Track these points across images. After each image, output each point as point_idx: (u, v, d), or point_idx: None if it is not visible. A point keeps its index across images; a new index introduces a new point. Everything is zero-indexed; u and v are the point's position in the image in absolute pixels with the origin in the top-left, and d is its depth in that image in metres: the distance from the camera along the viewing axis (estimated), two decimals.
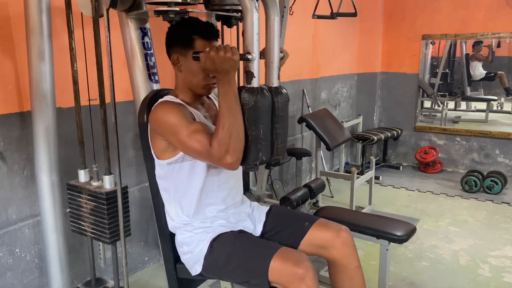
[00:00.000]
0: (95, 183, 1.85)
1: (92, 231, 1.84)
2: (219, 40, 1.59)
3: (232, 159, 1.32)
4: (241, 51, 1.35)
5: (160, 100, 1.52)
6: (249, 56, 1.32)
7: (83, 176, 1.89)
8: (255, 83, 1.34)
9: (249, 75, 1.34)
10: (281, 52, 1.49)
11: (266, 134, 1.37)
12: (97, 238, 1.84)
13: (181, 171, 1.50)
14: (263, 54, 1.42)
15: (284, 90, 1.44)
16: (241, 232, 1.58)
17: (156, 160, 1.53)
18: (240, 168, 1.70)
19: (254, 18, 1.30)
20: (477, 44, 5.68)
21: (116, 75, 1.55)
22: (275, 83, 1.42)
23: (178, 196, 1.55)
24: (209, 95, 1.66)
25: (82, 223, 1.87)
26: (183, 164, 1.49)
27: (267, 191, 3.25)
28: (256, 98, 1.32)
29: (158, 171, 1.55)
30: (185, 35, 1.48)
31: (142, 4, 1.66)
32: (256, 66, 1.34)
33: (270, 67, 1.42)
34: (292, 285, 1.35)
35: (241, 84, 1.39)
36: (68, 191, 1.89)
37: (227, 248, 1.50)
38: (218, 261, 1.51)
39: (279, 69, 1.46)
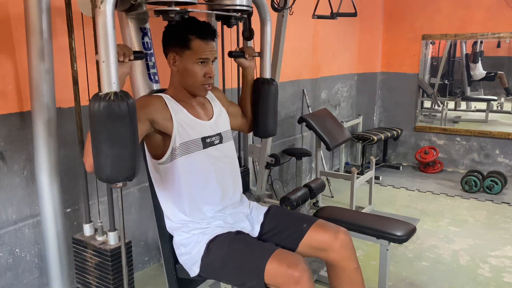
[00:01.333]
0: (100, 238, 1.87)
1: (97, 285, 1.86)
2: (219, 40, 1.60)
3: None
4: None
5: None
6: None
7: (88, 230, 1.91)
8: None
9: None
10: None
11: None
12: None
13: (172, 170, 1.51)
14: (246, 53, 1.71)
15: (275, 82, 1.85)
16: (238, 233, 1.58)
17: (149, 160, 1.54)
18: (238, 167, 1.72)
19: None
20: (475, 44, 5.68)
21: None
22: (268, 76, 1.85)
23: (172, 195, 1.55)
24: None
25: (87, 276, 1.89)
26: (173, 164, 1.50)
27: (267, 191, 3.25)
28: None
29: (152, 171, 1.57)
30: (181, 35, 1.49)
31: (142, 4, 1.65)
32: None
33: (265, 62, 1.84)
34: (287, 287, 1.35)
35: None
36: (74, 245, 1.91)
37: (223, 250, 1.50)
38: (214, 263, 1.50)
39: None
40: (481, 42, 5.56)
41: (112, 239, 1.82)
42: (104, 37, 1.17)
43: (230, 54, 1.79)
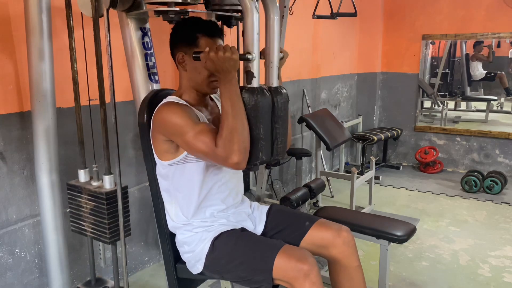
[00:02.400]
0: (95, 183, 1.84)
1: (92, 231, 1.84)
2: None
3: (238, 158, 1.32)
4: (241, 51, 1.36)
5: (165, 100, 1.51)
6: (249, 56, 1.33)
7: (83, 176, 1.89)
8: (255, 83, 1.35)
9: (249, 75, 1.34)
10: (280, 52, 1.49)
11: (266, 134, 1.37)
12: (97, 238, 1.84)
13: (183, 172, 1.50)
14: (263, 54, 1.43)
15: (284, 90, 1.44)
16: (243, 230, 1.59)
17: (157, 160, 1.53)
18: None
19: (254, 18, 1.30)
20: (478, 44, 5.68)
21: (116, 75, 1.55)
22: (274, 83, 1.43)
23: (178, 196, 1.55)
24: (213, 97, 1.66)
25: (82, 223, 1.87)
26: (185, 166, 1.49)
27: (267, 191, 3.25)
28: (257, 98, 1.32)
29: (159, 171, 1.55)
30: (189, 34, 1.48)
31: (142, 4, 1.66)
32: (256, 66, 1.34)
33: (269, 67, 1.42)
34: (297, 281, 1.36)
35: (241, 84, 1.39)
36: (68, 191, 1.89)
37: (230, 246, 1.50)
38: (220, 259, 1.51)
39: (279, 69, 1.46)
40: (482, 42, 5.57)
41: (107, 182, 1.79)
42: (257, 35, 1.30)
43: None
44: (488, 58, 5.72)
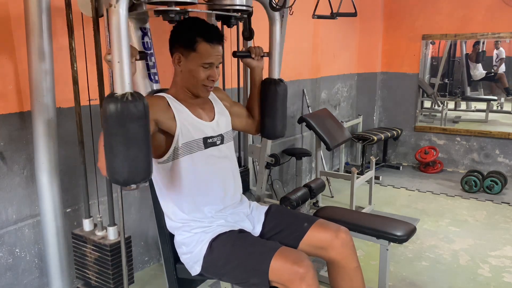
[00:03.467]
0: (99, 233, 1.86)
1: (97, 279, 1.86)
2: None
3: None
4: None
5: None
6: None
7: (87, 225, 1.90)
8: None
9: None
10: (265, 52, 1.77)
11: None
12: (101, 287, 1.87)
13: (172, 170, 1.51)
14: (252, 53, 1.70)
15: (283, 82, 1.83)
16: (241, 231, 1.58)
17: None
18: (237, 167, 1.73)
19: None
20: (477, 44, 5.68)
21: None
22: (276, 76, 1.83)
23: (172, 195, 1.56)
24: (209, 98, 1.67)
25: (87, 271, 1.89)
26: (173, 163, 1.51)
27: (267, 191, 3.25)
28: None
29: (153, 170, 1.56)
30: (188, 36, 1.48)
31: (142, 4, 1.65)
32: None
33: (273, 63, 1.81)
34: (293, 284, 1.35)
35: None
36: (73, 240, 1.91)
37: (227, 248, 1.50)
38: (217, 261, 1.51)
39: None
40: (483, 42, 5.56)
41: (111, 234, 1.81)
42: (118, 37, 1.16)
43: (235, 54, 1.78)
44: (477, 58, 5.71)
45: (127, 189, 1.26)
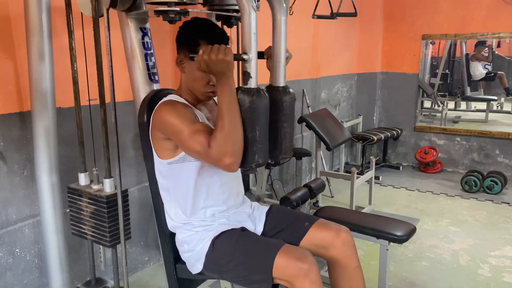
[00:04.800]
0: (95, 186, 1.85)
1: (93, 234, 1.84)
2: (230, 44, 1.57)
3: (230, 160, 1.31)
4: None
5: (165, 99, 1.51)
6: (245, 57, 1.29)
7: (83, 179, 1.89)
8: (252, 84, 1.32)
9: (245, 75, 1.31)
10: (286, 52, 1.48)
11: (262, 136, 1.34)
12: (98, 242, 1.84)
13: (182, 171, 1.50)
14: (267, 54, 1.44)
15: (291, 90, 1.45)
16: (243, 230, 1.59)
17: (156, 159, 1.53)
18: (239, 169, 1.71)
19: (252, 18, 1.28)
20: (480, 44, 5.68)
21: (116, 75, 1.55)
22: (282, 83, 1.43)
23: (177, 196, 1.55)
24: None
25: (83, 226, 1.87)
26: (184, 165, 1.49)
27: (267, 191, 3.25)
28: (252, 99, 1.29)
29: (159, 170, 1.55)
30: (191, 39, 1.46)
31: (142, 4, 1.66)
32: (254, 66, 1.30)
33: (277, 67, 1.42)
34: (297, 280, 1.36)
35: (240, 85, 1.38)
36: (69, 194, 1.89)
37: (230, 245, 1.50)
38: (220, 259, 1.51)
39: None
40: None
41: (107, 186, 1.79)
42: (254, 35, 1.26)
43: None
44: (488, 58, 5.73)
45: (253, 172, 1.33)
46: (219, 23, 2.09)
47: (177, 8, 1.53)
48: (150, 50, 1.79)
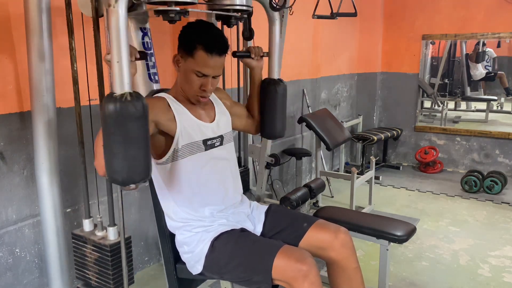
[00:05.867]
0: (99, 233, 1.86)
1: (97, 280, 1.86)
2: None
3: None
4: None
5: (155, 95, 1.56)
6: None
7: (87, 225, 1.90)
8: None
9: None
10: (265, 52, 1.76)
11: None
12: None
13: (173, 171, 1.51)
14: (252, 53, 1.69)
15: (283, 82, 1.80)
16: (243, 231, 1.59)
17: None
18: (237, 168, 1.73)
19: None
20: (478, 44, 5.68)
21: None
22: (276, 76, 1.82)
23: (173, 195, 1.56)
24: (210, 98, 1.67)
25: (87, 271, 1.88)
26: (174, 164, 1.50)
27: (267, 191, 3.25)
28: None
29: (152, 171, 1.56)
30: (189, 40, 1.46)
31: (142, 4, 1.65)
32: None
33: (272, 63, 1.80)
34: (296, 281, 1.36)
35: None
36: (73, 240, 1.90)
37: (229, 246, 1.50)
38: (219, 260, 1.51)
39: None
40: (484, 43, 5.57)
41: (111, 234, 1.80)
42: (117, 37, 1.16)
43: (234, 54, 1.77)
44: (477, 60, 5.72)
45: (127, 189, 1.25)
46: (219, 23, 2.09)
47: (177, 8, 1.53)
48: (150, 50, 1.79)
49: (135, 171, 1.20)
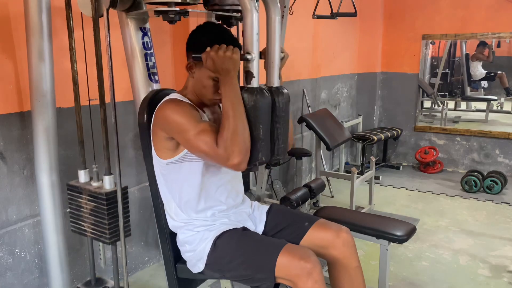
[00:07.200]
0: (95, 184, 1.84)
1: (92, 231, 1.84)
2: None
3: (239, 159, 1.31)
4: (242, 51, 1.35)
5: (168, 97, 1.51)
6: (249, 56, 1.32)
7: (83, 176, 1.89)
8: (254, 83, 1.34)
9: (248, 75, 1.34)
10: (282, 52, 1.48)
11: (265, 135, 1.37)
12: (97, 239, 1.84)
13: (180, 171, 1.50)
14: (264, 54, 1.42)
15: (285, 90, 1.42)
16: (245, 229, 1.59)
17: (156, 158, 1.53)
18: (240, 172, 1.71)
19: (254, 18, 1.30)
20: (481, 45, 5.68)
21: (116, 75, 1.55)
22: (275, 83, 1.42)
23: (177, 196, 1.55)
24: None
25: (82, 223, 1.87)
26: (183, 165, 1.49)
27: (267, 191, 3.25)
28: (256, 98, 1.32)
29: (158, 169, 1.55)
30: (200, 44, 1.42)
31: (142, 4, 1.65)
32: (256, 66, 1.33)
33: (270, 67, 1.41)
34: (300, 279, 1.36)
35: (241, 84, 1.39)
36: (68, 191, 1.89)
37: (232, 245, 1.50)
38: (222, 258, 1.51)
39: (280, 69, 1.45)
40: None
41: (107, 183, 1.79)
42: (257, 35, 1.28)
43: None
44: (488, 58, 5.72)
45: (256, 169, 1.34)
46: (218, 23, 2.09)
47: (177, 8, 1.53)
48: (150, 50, 1.78)
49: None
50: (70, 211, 1.90)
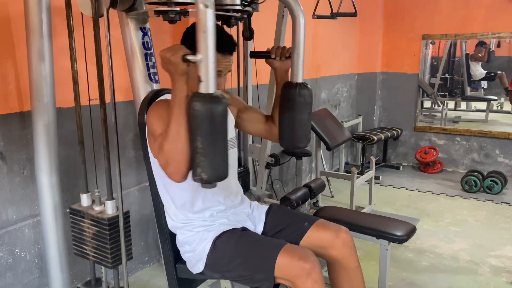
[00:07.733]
0: (97, 208, 1.85)
1: (94, 255, 1.85)
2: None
3: (171, 170, 1.24)
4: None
5: (161, 98, 1.52)
6: (190, 57, 1.19)
7: (85, 200, 1.89)
8: (202, 89, 1.15)
9: (198, 79, 1.16)
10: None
11: (208, 148, 1.16)
12: (99, 262, 1.85)
13: None
14: (273, 53, 1.66)
15: (309, 86, 1.69)
16: (244, 230, 1.59)
17: (152, 159, 1.53)
18: (236, 172, 1.71)
19: (206, 15, 1.15)
20: (479, 45, 5.68)
21: (116, 75, 1.55)
22: (300, 80, 1.69)
23: (175, 196, 1.55)
24: None
25: (85, 246, 1.88)
26: None
27: (267, 191, 3.25)
28: (193, 105, 1.14)
29: (155, 170, 1.56)
30: (193, 43, 1.42)
31: (142, 4, 1.65)
32: (206, 69, 1.14)
33: (296, 64, 1.71)
34: (299, 279, 1.36)
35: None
36: (71, 215, 1.90)
37: (231, 245, 1.50)
38: (221, 258, 1.51)
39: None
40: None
41: (109, 208, 1.79)
42: (209, 36, 1.12)
43: (251, 55, 1.73)
44: (483, 58, 5.72)
45: (209, 187, 1.21)
46: (218, 23, 2.09)
47: (177, 8, 1.53)
48: (150, 50, 1.78)
49: (226, 167, 1.20)
50: (72, 234, 1.91)
